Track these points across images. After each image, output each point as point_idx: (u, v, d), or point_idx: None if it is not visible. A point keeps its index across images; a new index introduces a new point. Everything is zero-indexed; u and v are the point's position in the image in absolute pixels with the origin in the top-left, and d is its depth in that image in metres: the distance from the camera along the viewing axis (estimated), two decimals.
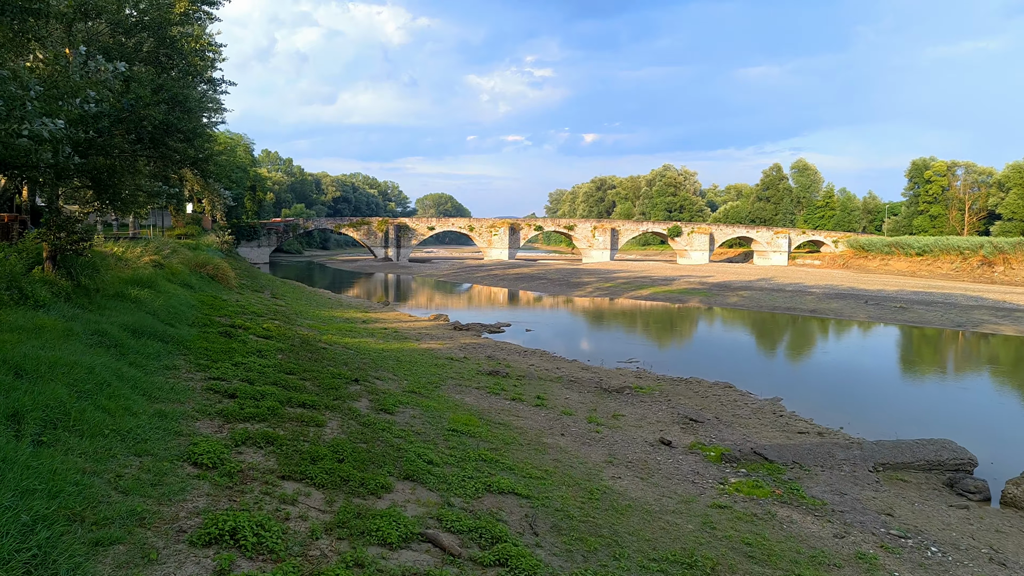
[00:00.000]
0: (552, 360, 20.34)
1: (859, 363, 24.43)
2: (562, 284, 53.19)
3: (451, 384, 14.26)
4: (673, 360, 22.53)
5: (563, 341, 26.57)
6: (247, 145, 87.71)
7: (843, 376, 21.75)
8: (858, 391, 19.54)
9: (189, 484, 6.15)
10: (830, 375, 21.94)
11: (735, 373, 20.09)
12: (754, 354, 26.72)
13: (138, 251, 23.49)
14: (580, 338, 28.44)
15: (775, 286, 50.78)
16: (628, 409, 13.74)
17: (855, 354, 26.95)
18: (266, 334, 16.29)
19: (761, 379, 19.62)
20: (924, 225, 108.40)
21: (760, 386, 18.19)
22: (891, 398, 18.81)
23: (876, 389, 20.13)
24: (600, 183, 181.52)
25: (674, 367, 20.64)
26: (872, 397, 18.75)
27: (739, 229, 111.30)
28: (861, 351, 28.00)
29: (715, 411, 14.50)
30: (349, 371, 13.26)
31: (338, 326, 22.89)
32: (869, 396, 18.90)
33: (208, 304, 19.99)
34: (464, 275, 66.75)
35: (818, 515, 8.54)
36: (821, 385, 20.18)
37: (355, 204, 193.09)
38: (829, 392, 18.96)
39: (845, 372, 22.41)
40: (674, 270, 71.23)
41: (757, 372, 21.40)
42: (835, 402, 17.27)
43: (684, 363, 21.91)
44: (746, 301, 42.34)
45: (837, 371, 22.54)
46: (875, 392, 19.66)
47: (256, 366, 11.78)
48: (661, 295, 45.79)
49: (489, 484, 7.49)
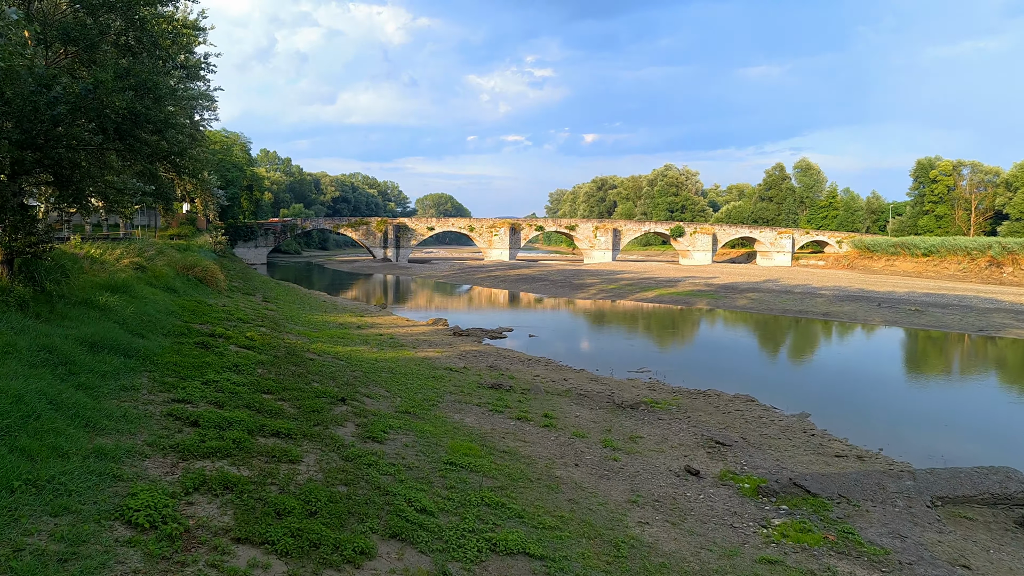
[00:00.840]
0: (558, 370, 19.00)
1: (884, 372, 23.05)
2: (565, 286, 51.85)
3: (449, 400, 12.93)
4: (687, 368, 21.18)
5: (569, 347, 25.23)
6: (244, 144, 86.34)
7: (871, 387, 20.37)
8: (890, 405, 18.14)
9: (113, 555, 4.81)
10: (856, 386, 20.54)
11: (754, 383, 18.76)
12: (772, 362, 25.34)
13: (118, 252, 22.15)
14: (586, 344, 27.08)
15: (783, 288, 49.46)
16: (646, 429, 12.40)
17: (878, 362, 25.56)
18: (248, 344, 14.95)
19: (783, 391, 18.29)
20: (929, 225, 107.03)
21: (783, 399, 16.85)
22: (927, 413, 17.44)
23: (908, 403, 18.76)
24: (601, 183, 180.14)
25: (689, 377, 19.31)
26: (907, 412, 17.37)
27: (742, 229, 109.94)
28: (883, 358, 26.64)
29: (740, 430, 13.17)
30: (336, 388, 11.92)
31: (330, 332, 21.55)
32: (903, 411, 17.53)
33: (190, 310, 18.65)
34: (464, 276, 65.43)
35: (885, 570, 7.20)
36: (848, 398, 18.77)
37: (354, 204, 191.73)
38: (859, 406, 17.55)
39: (872, 382, 21.03)
40: (678, 271, 69.97)
41: (778, 382, 20.05)
42: (867, 418, 15.90)
43: (699, 372, 20.57)
44: (755, 304, 41.00)
45: (863, 381, 21.17)
46: (908, 406, 18.29)
47: (230, 385, 10.43)
48: (667, 297, 44.44)
49: (494, 541, 6.14)
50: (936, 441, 13.59)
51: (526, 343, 25.29)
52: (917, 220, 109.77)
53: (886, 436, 13.72)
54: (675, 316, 38.14)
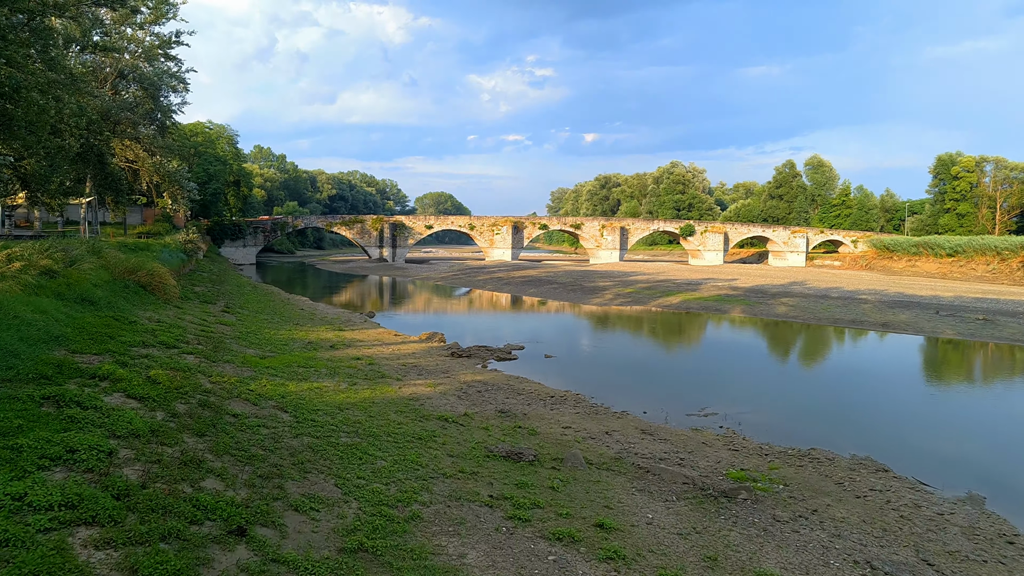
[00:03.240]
0: (594, 414, 13.98)
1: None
2: (575, 290, 46.73)
3: (441, 498, 7.91)
4: (758, 406, 16.13)
5: (598, 374, 20.13)
6: (231, 137, 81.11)
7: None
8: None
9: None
10: (1009, 436, 14.93)
11: (860, 432, 13.76)
12: (864, 395, 18.93)
13: (16, 251, 17.19)
14: (619, 368, 21.78)
15: (816, 291, 44.44)
16: (772, 554, 7.37)
17: (1014, 393, 19.84)
18: (142, 393, 9.94)
19: (903, 444, 13.26)
20: (951, 224, 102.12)
21: (913, 459, 11.87)
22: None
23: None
24: (604, 181, 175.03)
25: (768, 420, 14.32)
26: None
27: (755, 228, 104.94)
28: (1016, 388, 20.78)
29: (910, 542, 8.17)
30: (245, 492, 6.89)
31: (290, 358, 16.52)
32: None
33: (92, 332, 13.62)
34: (464, 278, 60.26)
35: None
36: (1014, 459, 13.17)
37: (352, 202, 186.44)
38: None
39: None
40: (692, 272, 64.85)
41: (889, 429, 14.66)
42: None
43: (777, 412, 15.56)
44: (796, 311, 35.95)
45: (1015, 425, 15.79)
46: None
47: (28, 510, 5.44)
48: (694, 303, 39.34)
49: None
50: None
51: (543, 367, 20.24)
52: (937, 219, 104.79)
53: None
54: (710, 328, 33.10)
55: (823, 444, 12.56)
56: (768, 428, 13.69)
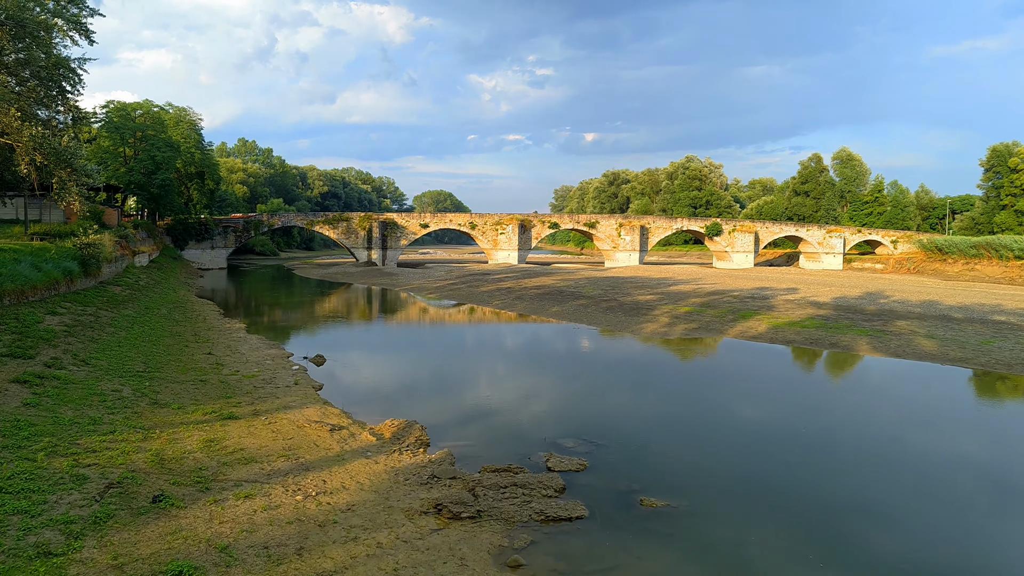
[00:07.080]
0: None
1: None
2: (613, 308, 35.30)
3: None
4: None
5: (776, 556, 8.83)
6: (193, 122, 69.67)
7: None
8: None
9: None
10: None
11: None
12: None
13: None
14: (777, 514, 10.47)
15: (925, 309, 33.28)
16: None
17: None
18: None
19: None
20: (1008, 222, 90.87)
21: None
22: None
23: None
24: (613, 177, 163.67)
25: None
26: None
27: (787, 227, 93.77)
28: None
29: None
30: None
31: None
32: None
33: None
34: (464, 289, 48.69)
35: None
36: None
37: (345, 200, 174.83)
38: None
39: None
40: (734, 278, 53.18)
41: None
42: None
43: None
44: (947, 346, 24.72)
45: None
46: None
47: None
48: (791, 333, 27.94)
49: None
50: None
51: (647, 533, 9.00)
52: (992, 217, 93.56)
53: None
54: (848, 380, 21.99)
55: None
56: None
